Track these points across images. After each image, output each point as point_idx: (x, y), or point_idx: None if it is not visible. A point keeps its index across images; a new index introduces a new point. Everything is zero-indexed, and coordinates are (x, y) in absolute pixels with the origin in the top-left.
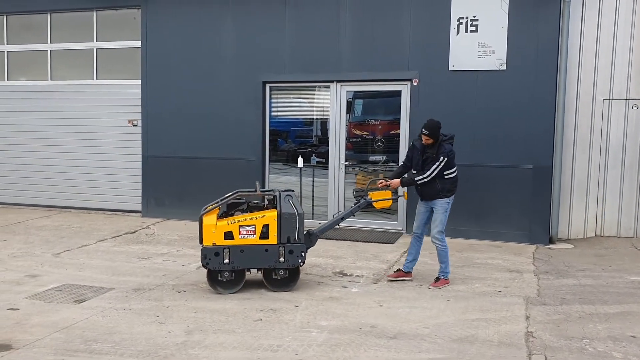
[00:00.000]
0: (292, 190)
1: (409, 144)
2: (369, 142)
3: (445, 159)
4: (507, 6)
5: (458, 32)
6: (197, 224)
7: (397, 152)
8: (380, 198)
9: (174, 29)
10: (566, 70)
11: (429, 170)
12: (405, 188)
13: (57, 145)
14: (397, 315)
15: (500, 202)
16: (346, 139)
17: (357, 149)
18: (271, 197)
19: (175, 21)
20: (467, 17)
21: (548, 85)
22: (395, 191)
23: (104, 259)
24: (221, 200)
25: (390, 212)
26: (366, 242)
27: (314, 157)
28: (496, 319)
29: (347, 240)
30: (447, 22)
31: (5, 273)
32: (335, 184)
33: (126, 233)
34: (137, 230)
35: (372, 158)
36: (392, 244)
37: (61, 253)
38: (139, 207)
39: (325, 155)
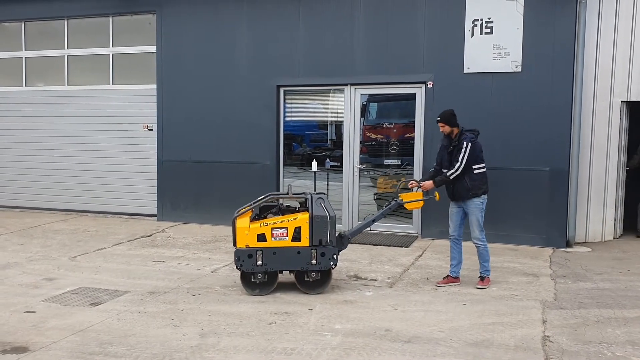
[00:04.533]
0: (324, 193)
1: (424, 146)
2: (384, 146)
3: (469, 144)
4: (522, 8)
5: (473, 34)
6: (212, 227)
7: (412, 155)
8: (411, 199)
9: (188, 34)
10: (582, 71)
11: (457, 162)
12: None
13: (73, 150)
14: (411, 319)
15: (516, 205)
16: (360, 143)
17: (372, 153)
18: (303, 199)
19: (190, 26)
20: (481, 19)
21: (564, 87)
22: (426, 192)
23: (119, 262)
24: (254, 202)
25: (406, 215)
26: (381, 245)
27: (328, 160)
28: (512, 323)
29: (361, 243)
30: (461, 24)
31: (23, 276)
32: (349, 187)
33: (142, 237)
34: (152, 234)
35: (386, 161)
36: (407, 247)
37: (77, 256)
38: (154, 211)
39: (339, 159)
